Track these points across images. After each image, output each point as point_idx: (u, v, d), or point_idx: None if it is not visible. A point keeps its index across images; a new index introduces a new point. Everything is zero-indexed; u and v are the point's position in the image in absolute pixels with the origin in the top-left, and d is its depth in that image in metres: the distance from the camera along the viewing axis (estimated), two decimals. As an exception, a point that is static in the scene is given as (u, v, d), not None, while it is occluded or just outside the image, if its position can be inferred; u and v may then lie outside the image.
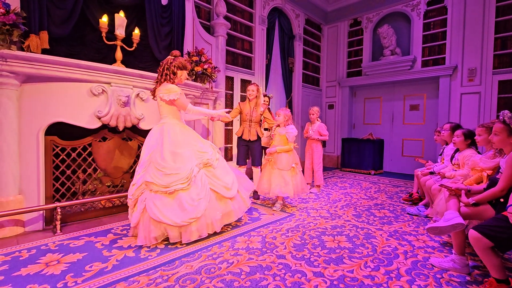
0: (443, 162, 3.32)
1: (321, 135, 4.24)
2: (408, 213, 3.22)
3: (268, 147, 4.81)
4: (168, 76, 2.50)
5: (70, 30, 2.75)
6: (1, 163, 2.35)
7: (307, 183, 4.36)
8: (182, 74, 2.58)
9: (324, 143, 4.51)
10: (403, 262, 2.05)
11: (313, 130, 4.27)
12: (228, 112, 3.06)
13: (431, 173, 3.26)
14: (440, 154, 3.53)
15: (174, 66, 2.50)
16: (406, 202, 3.71)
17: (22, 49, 2.44)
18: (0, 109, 2.33)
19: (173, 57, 2.56)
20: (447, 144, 3.40)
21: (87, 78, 2.69)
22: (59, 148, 2.72)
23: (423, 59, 5.73)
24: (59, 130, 2.70)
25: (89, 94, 2.74)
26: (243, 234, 2.54)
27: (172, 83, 2.52)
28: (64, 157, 2.76)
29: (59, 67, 2.52)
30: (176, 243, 2.27)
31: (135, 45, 3.14)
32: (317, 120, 4.32)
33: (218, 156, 2.65)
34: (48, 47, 2.55)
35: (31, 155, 2.52)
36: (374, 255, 2.15)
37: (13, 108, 2.39)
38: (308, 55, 6.84)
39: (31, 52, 2.43)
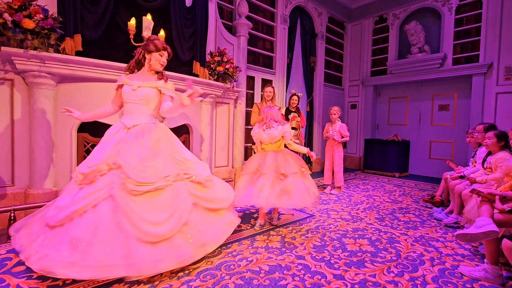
0: (474, 165, 3.13)
1: (342, 136, 4.16)
2: (435, 219, 3.07)
3: None
4: (136, 65, 2.12)
5: (101, 33, 2.90)
6: (39, 157, 2.54)
7: (328, 184, 4.30)
8: (152, 58, 2.08)
9: (344, 144, 4.42)
10: (429, 269, 1.96)
11: (334, 131, 4.19)
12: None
13: (461, 177, 3.09)
14: (472, 157, 3.33)
15: (140, 51, 2.10)
16: (427, 203, 3.59)
17: (58, 52, 2.61)
18: (39, 107, 2.52)
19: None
20: (479, 146, 3.20)
21: (116, 79, 2.81)
22: (90, 144, 2.88)
23: (454, 56, 5.43)
24: (90, 128, 2.86)
25: (117, 93, 2.87)
26: (262, 233, 2.55)
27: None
28: (94, 153, 2.92)
29: (91, 68, 2.67)
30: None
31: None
32: (338, 120, 4.24)
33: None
34: (81, 49, 2.71)
35: (65, 151, 2.70)
36: (398, 261, 2.08)
37: (50, 106, 2.57)
38: (330, 54, 6.71)
39: (66, 54, 2.59)
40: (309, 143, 6.20)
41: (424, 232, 2.69)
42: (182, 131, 3.59)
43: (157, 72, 2.14)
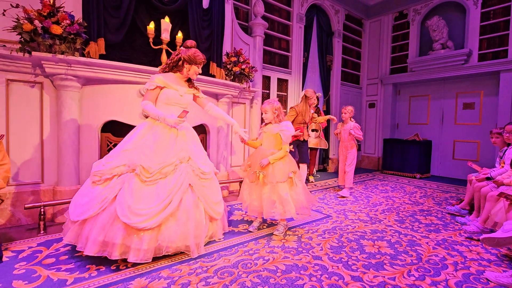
0: (502, 166, 2.97)
1: (354, 135, 3.97)
2: (457, 222, 2.95)
3: (318, 148, 4.70)
4: (171, 68, 2.23)
5: (122, 37, 3.01)
6: (66, 156, 2.67)
7: (343, 186, 4.14)
8: (190, 69, 2.22)
9: (359, 147, 4.26)
10: (452, 274, 1.89)
11: (344, 130, 4.04)
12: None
13: (488, 178, 2.94)
14: (501, 157, 3.16)
15: (181, 59, 2.19)
16: (454, 213, 3.38)
17: (83, 55, 2.74)
18: (66, 108, 2.65)
19: (185, 48, 2.24)
20: (508, 146, 3.04)
21: (137, 80, 2.93)
22: (112, 144, 3.00)
23: (480, 52, 5.18)
24: (113, 128, 2.98)
25: (138, 94, 2.97)
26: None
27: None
28: (116, 152, 3.03)
29: (113, 70, 2.78)
30: None
31: (178, 48, 3.32)
32: (351, 120, 4.06)
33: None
34: (104, 52, 2.82)
35: (89, 150, 2.82)
36: (419, 264, 2.02)
37: (75, 107, 2.70)
38: (347, 52, 6.60)
39: (91, 57, 2.71)
40: (325, 143, 6.12)
41: (447, 235, 2.59)
42: (199, 131, 3.66)
43: (188, 79, 2.32)
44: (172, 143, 2.09)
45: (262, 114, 2.61)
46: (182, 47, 2.24)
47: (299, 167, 4.02)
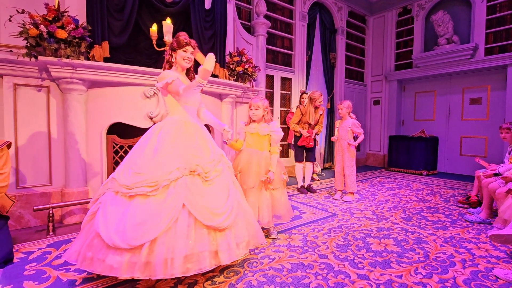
0: (511, 162, 2.92)
1: (354, 133, 3.61)
2: (466, 220, 2.91)
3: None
4: (169, 65, 2.04)
5: (126, 39, 3.04)
6: (72, 158, 2.71)
7: (339, 190, 3.79)
8: (177, 56, 2.00)
9: (358, 147, 3.98)
10: (460, 271, 1.87)
11: (343, 129, 3.63)
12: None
13: (496, 174, 2.90)
14: (509, 153, 3.11)
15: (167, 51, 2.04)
16: (463, 206, 3.36)
17: (88, 59, 2.77)
18: (72, 111, 2.69)
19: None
20: (517, 141, 2.99)
21: (141, 82, 2.95)
22: (118, 145, 3.03)
23: (486, 46, 5.09)
24: (118, 130, 3.01)
25: (142, 96, 3.00)
26: (284, 232, 2.55)
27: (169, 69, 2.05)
28: (122, 154, 3.06)
29: (118, 73, 2.81)
30: None
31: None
32: (350, 116, 3.66)
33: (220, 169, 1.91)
34: (109, 55, 2.85)
35: (95, 152, 2.86)
36: (426, 262, 2.00)
37: (81, 110, 2.74)
38: (351, 49, 6.55)
39: (95, 61, 2.74)
40: (329, 143, 6.09)
41: (455, 232, 2.56)
42: (203, 131, 3.68)
43: (186, 72, 2.11)
44: (204, 142, 1.96)
45: (252, 110, 2.36)
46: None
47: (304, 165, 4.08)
